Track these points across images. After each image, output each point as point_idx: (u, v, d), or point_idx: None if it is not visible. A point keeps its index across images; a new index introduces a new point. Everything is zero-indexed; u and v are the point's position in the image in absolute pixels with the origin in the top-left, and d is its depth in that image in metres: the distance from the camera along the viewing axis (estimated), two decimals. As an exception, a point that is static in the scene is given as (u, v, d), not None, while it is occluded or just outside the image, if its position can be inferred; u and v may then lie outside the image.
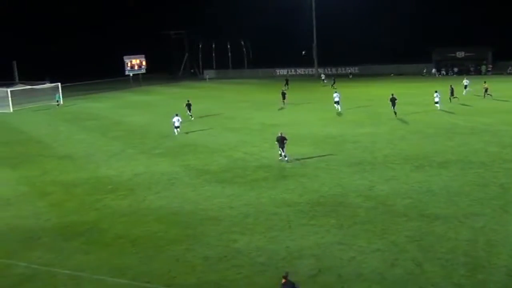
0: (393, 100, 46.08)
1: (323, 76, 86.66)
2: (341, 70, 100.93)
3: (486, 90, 54.54)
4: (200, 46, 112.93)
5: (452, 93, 52.64)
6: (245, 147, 35.79)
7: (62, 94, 73.21)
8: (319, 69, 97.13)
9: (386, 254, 18.56)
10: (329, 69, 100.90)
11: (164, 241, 20.79)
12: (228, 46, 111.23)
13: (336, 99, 50.97)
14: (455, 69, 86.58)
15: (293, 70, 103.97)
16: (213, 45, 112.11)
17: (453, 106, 49.90)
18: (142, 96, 78.54)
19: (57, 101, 70.10)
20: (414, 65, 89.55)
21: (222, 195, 26.16)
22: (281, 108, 55.77)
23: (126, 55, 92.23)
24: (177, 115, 43.43)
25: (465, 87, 57.80)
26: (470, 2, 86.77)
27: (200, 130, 44.83)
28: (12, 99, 66.13)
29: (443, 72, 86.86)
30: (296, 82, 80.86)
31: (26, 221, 24.11)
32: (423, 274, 17.06)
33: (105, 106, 68.29)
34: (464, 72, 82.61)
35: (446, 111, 47.33)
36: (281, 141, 32.04)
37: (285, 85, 76.77)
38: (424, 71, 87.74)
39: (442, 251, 18.53)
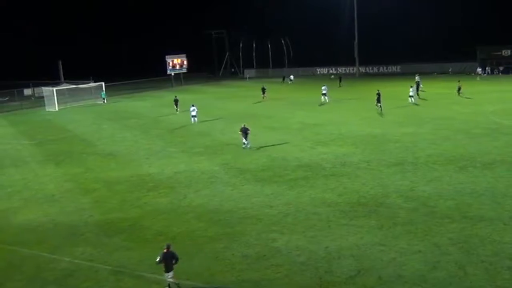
0: (378, 96, 49.17)
1: (291, 77, 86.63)
2: (382, 69, 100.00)
3: (459, 89, 57.77)
4: (240, 45, 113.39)
5: (417, 88, 58.49)
6: (284, 146, 35.69)
7: (106, 94, 74.98)
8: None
9: (427, 256, 18.23)
10: (370, 68, 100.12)
11: (203, 239, 20.94)
12: (269, 45, 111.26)
13: (324, 92, 58.44)
14: (501, 68, 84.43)
15: (333, 69, 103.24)
16: (254, 44, 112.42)
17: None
18: (183, 95, 79.01)
19: (103, 98, 72.82)
20: (458, 63, 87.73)
21: (262, 194, 26.17)
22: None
23: (168, 54, 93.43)
24: (193, 105, 49.25)
25: (418, 83, 62.30)
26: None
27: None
28: (57, 98, 67.92)
29: (488, 70, 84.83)
30: (336, 81, 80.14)
31: (70, 217, 24.66)
32: (466, 277, 16.70)
33: (146, 104, 69.34)
34: (510, 71, 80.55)
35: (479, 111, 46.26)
36: (245, 131, 36.45)
37: (282, 81, 79.27)
38: (450, 70, 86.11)
39: (486, 254, 18.10)
